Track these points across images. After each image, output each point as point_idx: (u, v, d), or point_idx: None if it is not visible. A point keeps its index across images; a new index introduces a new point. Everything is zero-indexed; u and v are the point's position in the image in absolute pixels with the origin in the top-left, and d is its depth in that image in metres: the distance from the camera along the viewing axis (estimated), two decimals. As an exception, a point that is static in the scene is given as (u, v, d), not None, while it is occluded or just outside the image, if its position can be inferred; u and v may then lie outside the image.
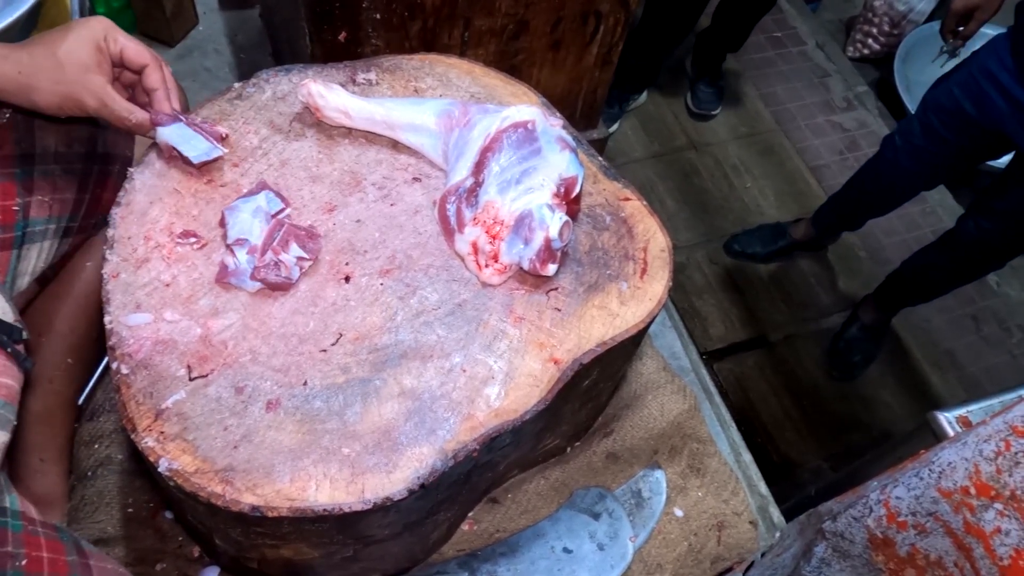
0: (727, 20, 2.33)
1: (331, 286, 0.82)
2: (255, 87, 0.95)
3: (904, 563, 0.62)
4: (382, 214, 0.88)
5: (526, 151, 0.85)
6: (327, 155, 0.92)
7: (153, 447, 0.68)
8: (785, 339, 2.14)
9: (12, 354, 0.70)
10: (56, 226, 0.84)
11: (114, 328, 0.74)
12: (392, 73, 1.01)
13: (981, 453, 0.54)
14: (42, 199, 0.82)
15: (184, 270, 0.79)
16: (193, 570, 1.00)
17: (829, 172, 2.54)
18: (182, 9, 1.73)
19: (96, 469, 1.06)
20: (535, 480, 1.14)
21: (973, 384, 2.17)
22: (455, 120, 0.89)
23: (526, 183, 0.83)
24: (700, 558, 1.15)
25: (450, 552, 1.06)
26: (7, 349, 0.69)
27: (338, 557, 0.83)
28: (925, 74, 2.28)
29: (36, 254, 0.82)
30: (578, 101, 1.57)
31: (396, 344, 0.79)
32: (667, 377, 1.30)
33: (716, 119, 2.58)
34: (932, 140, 1.71)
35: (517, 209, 0.82)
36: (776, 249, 2.25)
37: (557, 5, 1.29)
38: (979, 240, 1.74)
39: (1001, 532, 0.53)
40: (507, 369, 0.80)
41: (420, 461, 0.72)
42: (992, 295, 2.37)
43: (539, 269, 0.82)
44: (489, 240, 0.83)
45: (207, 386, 0.73)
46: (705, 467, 1.23)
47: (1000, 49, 1.52)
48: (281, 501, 0.67)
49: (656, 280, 0.90)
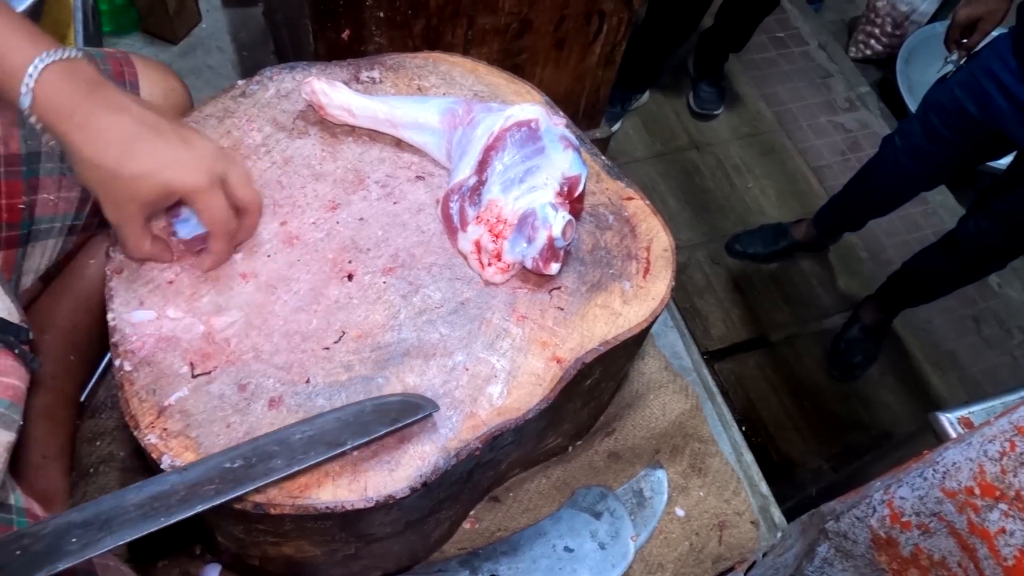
0: (730, 20, 2.33)
1: (334, 284, 0.82)
2: (258, 85, 0.95)
3: (907, 563, 0.62)
4: (385, 212, 0.88)
5: (529, 150, 0.84)
6: (330, 153, 0.91)
7: (156, 444, 0.68)
8: (786, 339, 2.14)
9: (20, 355, 0.70)
10: (61, 224, 0.84)
11: (117, 325, 0.74)
12: (395, 71, 1.01)
13: (986, 453, 0.54)
14: (48, 197, 0.82)
15: (187, 267, 0.79)
16: (194, 567, 1.00)
17: (831, 173, 2.54)
18: (185, 7, 1.73)
19: (98, 466, 1.06)
20: (537, 479, 1.14)
21: (974, 385, 2.18)
22: (458, 118, 0.89)
23: (529, 182, 0.83)
24: (701, 558, 1.15)
25: (451, 550, 1.06)
26: (14, 350, 0.69)
27: (340, 555, 0.83)
28: (927, 75, 2.29)
29: (41, 252, 0.82)
30: (581, 100, 1.56)
31: (399, 342, 0.79)
32: (669, 377, 1.30)
33: (718, 119, 2.58)
34: (932, 140, 1.71)
35: (520, 208, 0.82)
36: (777, 249, 2.25)
37: (560, 4, 1.29)
38: (980, 241, 1.74)
39: (1006, 532, 0.53)
40: (510, 368, 0.80)
41: (423, 459, 0.72)
42: (993, 296, 2.37)
43: (542, 268, 0.82)
44: (492, 239, 0.83)
45: (210, 383, 0.73)
46: (707, 467, 1.23)
47: (1002, 49, 1.52)
48: (284, 499, 0.67)
49: (659, 280, 0.90)
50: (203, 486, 0.62)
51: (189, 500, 0.61)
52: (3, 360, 0.69)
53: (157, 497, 0.61)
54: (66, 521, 0.57)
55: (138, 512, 0.59)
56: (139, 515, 0.59)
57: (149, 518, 0.59)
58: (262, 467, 0.65)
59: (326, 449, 0.67)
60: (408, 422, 0.71)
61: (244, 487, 0.63)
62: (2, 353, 0.69)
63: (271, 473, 0.64)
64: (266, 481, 0.64)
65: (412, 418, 0.71)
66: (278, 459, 0.65)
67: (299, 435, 0.68)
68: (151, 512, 0.59)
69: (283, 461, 0.65)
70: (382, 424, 0.70)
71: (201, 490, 0.62)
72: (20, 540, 0.55)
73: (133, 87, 0.89)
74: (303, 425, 0.69)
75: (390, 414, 0.71)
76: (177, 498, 0.61)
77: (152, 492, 0.61)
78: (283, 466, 0.65)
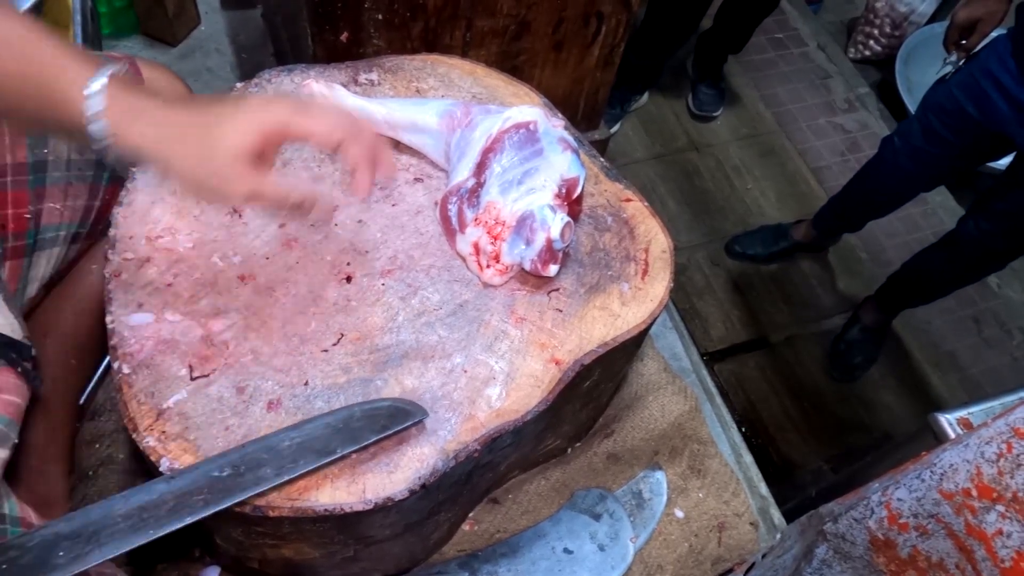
0: (729, 21, 2.33)
1: (332, 286, 0.82)
2: (257, 87, 0.95)
3: (905, 565, 0.62)
4: (384, 214, 0.88)
5: (528, 152, 0.84)
6: (328, 155, 0.92)
7: (154, 447, 0.68)
8: (786, 340, 2.14)
9: (22, 372, 0.70)
10: (66, 233, 0.84)
11: (116, 328, 0.74)
12: (394, 73, 1.01)
13: (983, 455, 0.54)
14: (53, 206, 0.81)
15: (186, 270, 0.79)
16: (194, 570, 1.00)
17: (830, 173, 2.54)
18: (184, 9, 1.74)
19: (97, 469, 1.06)
20: (536, 481, 1.14)
21: (974, 386, 2.17)
22: (457, 120, 0.89)
23: (528, 184, 0.83)
24: (701, 559, 1.15)
25: (451, 552, 1.06)
26: (17, 368, 0.69)
27: (339, 557, 0.83)
28: (927, 76, 2.28)
29: (46, 261, 0.82)
30: (580, 102, 1.57)
31: (397, 344, 0.79)
32: (668, 378, 1.30)
33: (717, 120, 2.58)
34: (931, 141, 1.71)
35: (519, 210, 0.82)
36: (777, 250, 2.25)
37: (559, 6, 1.29)
38: (980, 241, 1.74)
39: (1003, 534, 0.53)
40: (508, 370, 0.80)
41: (421, 461, 0.72)
42: (993, 297, 2.37)
43: (540, 270, 0.82)
44: (490, 241, 0.83)
45: (208, 386, 0.73)
46: (706, 468, 1.23)
47: (1001, 50, 1.52)
48: (282, 501, 0.67)
49: (657, 281, 0.90)
50: (192, 496, 0.62)
51: (178, 511, 0.60)
52: (5, 377, 0.69)
53: (145, 507, 0.60)
54: (53, 532, 0.56)
55: (126, 524, 0.58)
56: (127, 527, 0.58)
57: (138, 531, 0.58)
58: (251, 476, 0.64)
59: (315, 457, 0.66)
60: (397, 429, 0.71)
61: (233, 497, 0.63)
62: (4, 371, 0.69)
63: (261, 483, 0.64)
64: (255, 491, 0.64)
65: (402, 425, 0.71)
66: (267, 467, 0.65)
67: (288, 442, 0.68)
68: (140, 524, 0.58)
69: (272, 470, 0.65)
70: (372, 431, 0.69)
71: (190, 500, 0.61)
72: (7, 552, 0.54)
73: None
74: (292, 431, 0.69)
75: (380, 420, 0.70)
76: (166, 508, 0.60)
77: (140, 502, 0.60)
78: (272, 475, 0.65)
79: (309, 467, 0.66)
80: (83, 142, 0.58)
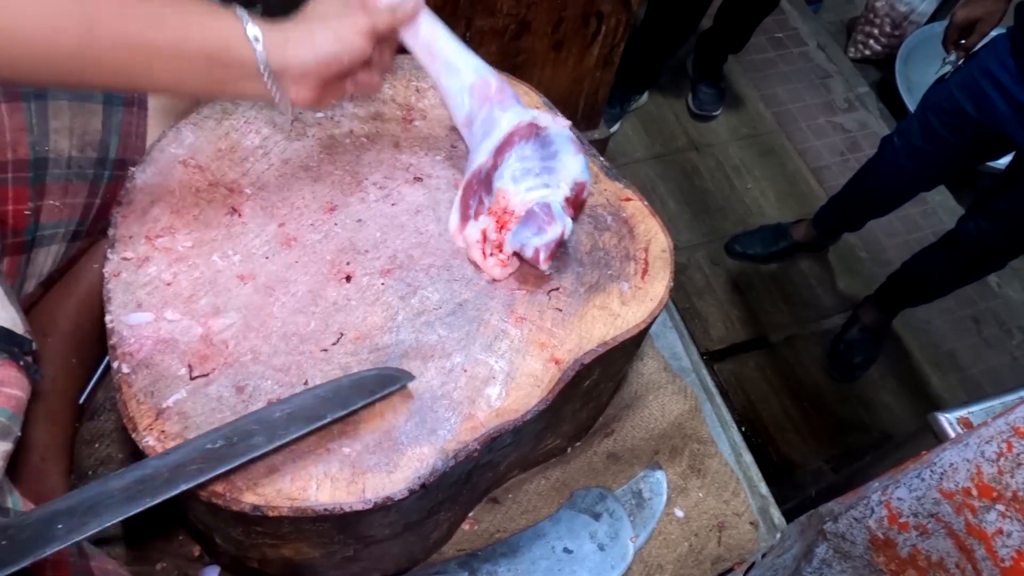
0: (729, 21, 2.33)
1: (332, 286, 0.82)
2: (257, 86, 0.95)
3: (905, 564, 0.62)
4: (383, 214, 0.88)
5: (547, 151, 0.86)
6: (328, 155, 0.92)
7: (154, 446, 0.68)
8: (786, 340, 2.14)
9: (23, 366, 0.70)
10: (65, 230, 0.84)
11: (115, 327, 0.74)
12: (393, 72, 1.01)
13: (983, 454, 0.54)
14: (53, 203, 0.81)
15: (185, 269, 0.79)
16: (193, 569, 1.00)
17: (830, 173, 2.54)
18: (184, 9, 1.74)
19: (97, 468, 1.06)
20: (536, 480, 1.13)
21: (974, 385, 2.17)
22: (490, 94, 0.86)
23: (544, 179, 0.84)
24: (701, 559, 1.15)
25: (450, 552, 1.06)
26: (18, 361, 0.69)
27: (338, 557, 0.83)
28: (926, 75, 2.28)
29: (45, 258, 0.82)
30: (579, 101, 1.57)
31: (397, 344, 0.79)
32: (668, 378, 1.30)
33: (717, 120, 2.58)
34: (931, 140, 1.72)
35: (531, 200, 0.82)
36: (777, 250, 2.25)
37: (559, 5, 1.29)
38: (979, 241, 1.74)
39: (1003, 533, 0.53)
40: (508, 369, 0.80)
41: (421, 461, 0.72)
42: (993, 296, 2.37)
43: (542, 261, 0.81)
44: (496, 228, 0.83)
45: (208, 385, 0.73)
46: (706, 468, 1.23)
47: (1000, 50, 1.52)
48: (282, 500, 0.67)
49: (657, 280, 0.90)
50: (186, 467, 0.63)
51: (173, 480, 0.61)
52: (6, 371, 0.69)
53: (141, 480, 0.61)
54: (52, 510, 0.58)
55: (122, 495, 0.59)
56: (123, 498, 0.59)
57: (134, 500, 0.59)
58: (243, 445, 0.65)
59: (306, 424, 0.68)
60: (385, 393, 0.72)
61: (226, 464, 0.64)
62: (5, 364, 0.69)
63: (252, 450, 0.65)
64: (248, 457, 0.65)
65: (389, 389, 0.73)
66: (259, 436, 0.66)
67: (279, 413, 0.69)
68: (136, 495, 0.60)
69: (264, 438, 0.66)
70: (360, 396, 0.71)
71: (184, 471, 0.63)
72: (6, 530, 0.55)
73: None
74: (282, 404, 0.70)
75: (367, 387, 0.72)
76: (161, 480, 0.61)
77: (136, 476, 0.62)
78: (264, 443, 0.66)
79: (300, 432, 0.67)
80: (254, 90, 0.67)
